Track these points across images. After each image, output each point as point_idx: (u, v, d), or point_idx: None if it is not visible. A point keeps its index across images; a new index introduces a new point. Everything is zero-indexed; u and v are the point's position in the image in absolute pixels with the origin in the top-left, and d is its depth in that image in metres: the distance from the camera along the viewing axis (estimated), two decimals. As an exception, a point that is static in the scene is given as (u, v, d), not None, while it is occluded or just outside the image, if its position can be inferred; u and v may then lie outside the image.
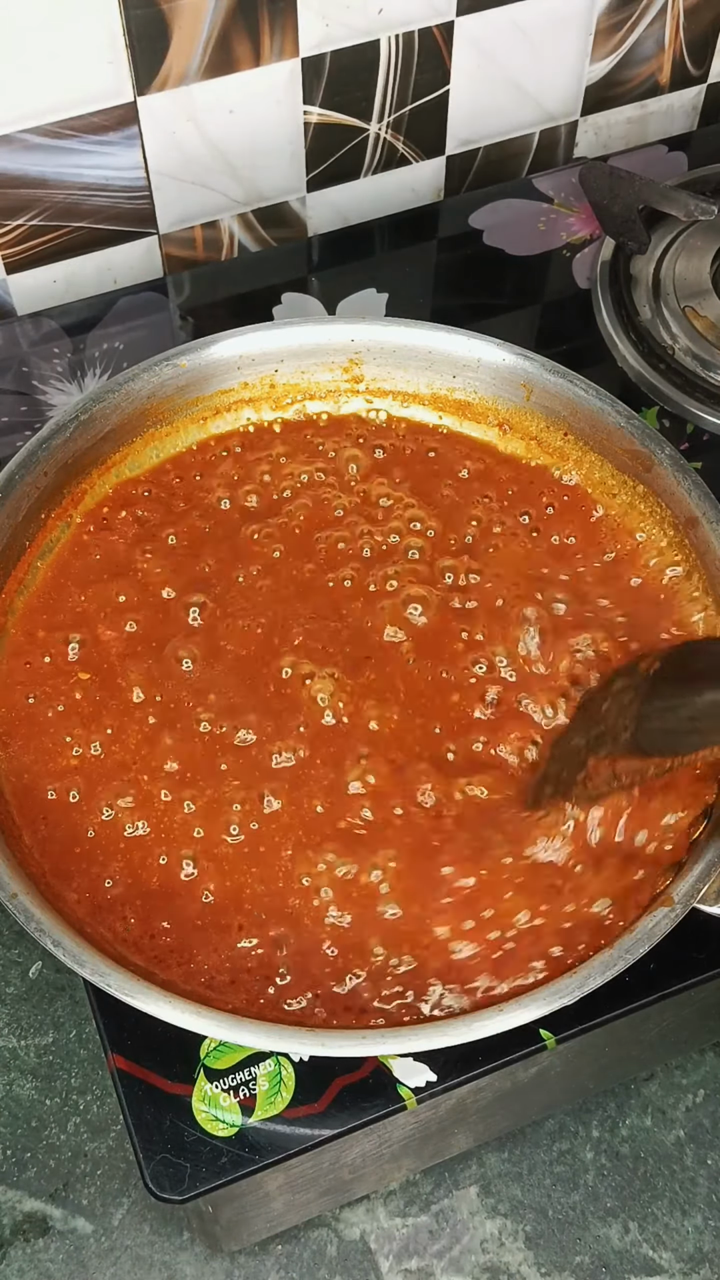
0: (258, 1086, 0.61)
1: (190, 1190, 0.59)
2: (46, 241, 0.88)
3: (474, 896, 0.60)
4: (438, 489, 0.74)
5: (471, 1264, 0.86)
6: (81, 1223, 0.86)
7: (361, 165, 0.94)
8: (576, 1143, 0.90)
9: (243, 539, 0.72)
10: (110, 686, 0.67)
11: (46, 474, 0.70)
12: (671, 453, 0.70)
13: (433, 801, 0.63)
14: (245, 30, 0.82)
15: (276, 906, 0.61)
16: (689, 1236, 0.87)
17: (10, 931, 0.95)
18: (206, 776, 0.64)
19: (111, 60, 0.80)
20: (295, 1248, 0.86)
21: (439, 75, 0.90)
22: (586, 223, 0.93)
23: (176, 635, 0.68)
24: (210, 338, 0.74)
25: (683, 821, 0.61)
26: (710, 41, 0.97)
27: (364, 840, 0.62)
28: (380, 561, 0.71)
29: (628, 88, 0.98)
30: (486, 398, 0.76)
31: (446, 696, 0.66)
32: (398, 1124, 0.68)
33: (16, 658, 0.68)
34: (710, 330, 0.84)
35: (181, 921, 0.61)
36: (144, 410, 0.74)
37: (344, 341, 0.75)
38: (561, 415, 0.74)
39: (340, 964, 0.59)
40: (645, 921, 0.57)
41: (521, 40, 0.91)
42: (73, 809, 0.64)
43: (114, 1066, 0.61)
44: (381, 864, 0.61)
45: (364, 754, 0.64)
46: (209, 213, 0.92)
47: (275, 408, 0.77)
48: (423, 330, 0.75)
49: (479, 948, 0.59)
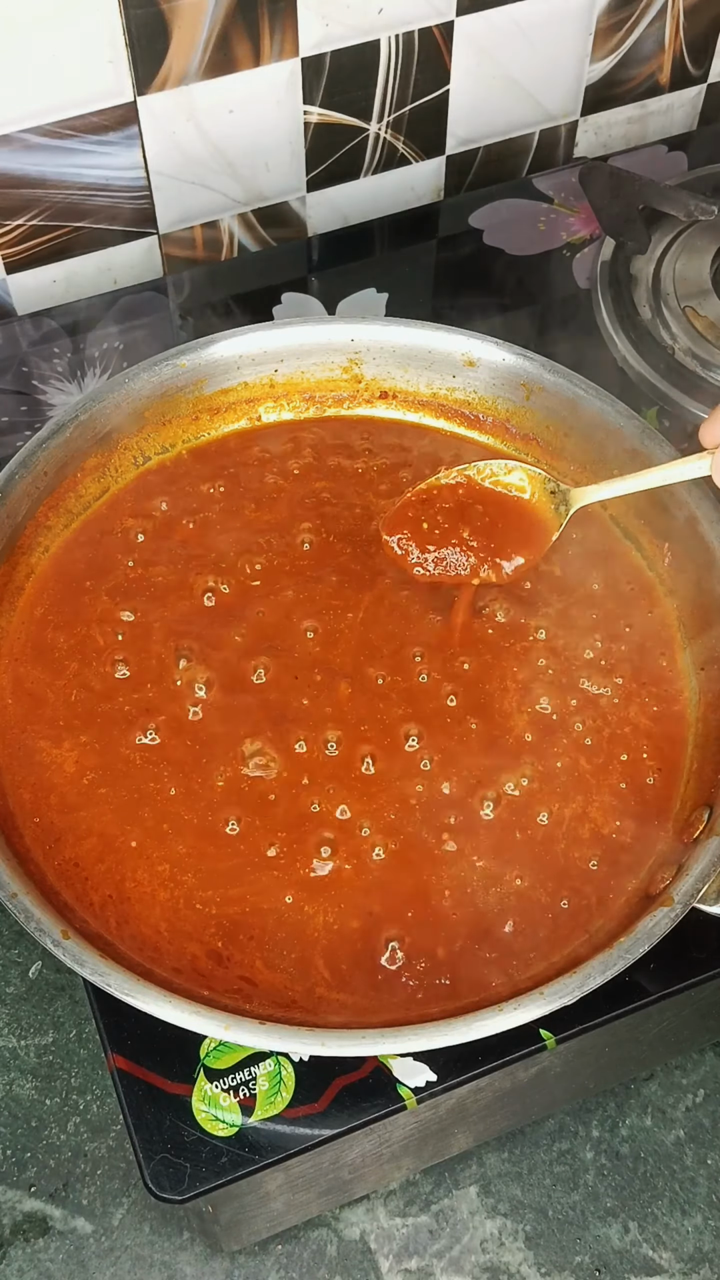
0: (258, 1086, 0.61)
1: (190, 1190, 0.59)
2: (46, 241, 0.88)
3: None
4: (438, 489, 0.74)
5: (471, 1264, 0.85)
6: (81, 1223, 0.85)
7: (361, 165, 0.94)
8: (576, 1143, 0.90)
9: (244, 537, 0.72)
10: (109, 688, 0.67)
11: (46, 474, 0.70)
12: (671, 453, 0.70)
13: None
14: (245, 30, 0.82)
15: (270, 908, 0.61)
16: (689, 1236, 0.87)
17: (10, 931, 0.94)
18: (205, 778, 0.64)
19: (111, 60, 0.80)
20: (295, 1248, 0.86)
21: (439, 75, 0.90)
22: (586, 223, 0.93)
23: (176, 635, 0.68)
24: (210, 338, 0.74)
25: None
26: (710, 41, 0.97)
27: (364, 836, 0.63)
28: (381, 558, 0.71)
29: (628, 88, 0.98)
30: (486, 398, 0.76)
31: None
32: (398, 1124, 0.68)
33: (14, 658, 0.68)
34: (710, 330, 0.84)
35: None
36: (144, 410, 0.74)
37: (344, 341, 0.75)
38: (561, 415, 0.74)
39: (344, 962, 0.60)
40: (645, 921, 0.57)
41: (521, 40, 0.91)
42: (73, 810, 0.64)
43: (114, 1066, 0.61)
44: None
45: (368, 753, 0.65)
46: (209, 213, 0.92)
47: (275, 408, 0.77)
48: (423, 330, 0.75)
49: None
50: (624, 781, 0.65)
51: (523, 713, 0.66)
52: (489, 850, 0.62)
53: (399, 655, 0.68)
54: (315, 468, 0.75)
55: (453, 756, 0.65)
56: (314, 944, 0.60)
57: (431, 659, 0.68)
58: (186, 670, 0.67)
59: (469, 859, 0.62)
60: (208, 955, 0.60)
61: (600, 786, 0.64)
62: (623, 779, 0.65)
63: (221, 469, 0.75)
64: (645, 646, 0.69)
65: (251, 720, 0.66)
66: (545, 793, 0.64)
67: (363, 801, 0.63)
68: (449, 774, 0.64)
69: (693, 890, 0.58)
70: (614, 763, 0.65)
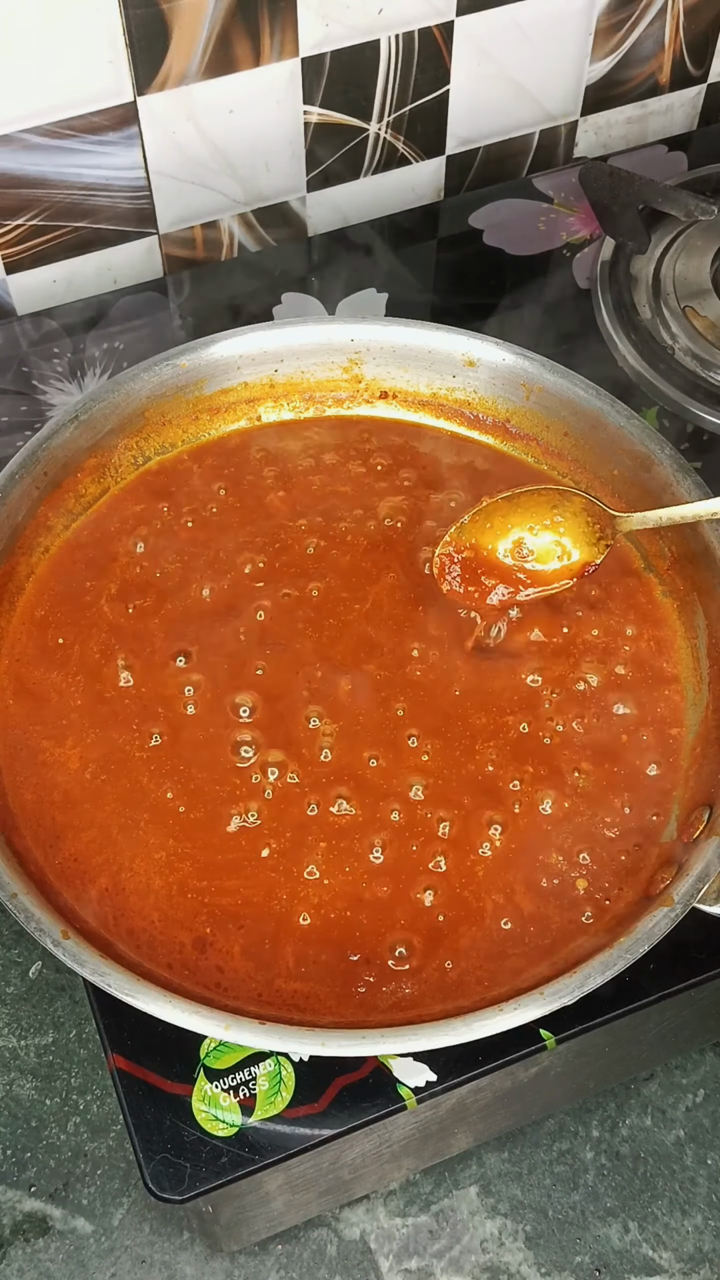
0: (258, 1086, 0.61)
1: (190, 1190, 0.59)
2: (46, 241, 0.88)
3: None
4: (438, 489, 0.74)
5: (471, 1264, 0.85)
6: (81, 1223, 0.85)
7: (361, 165, 0.94)
8: (576, 1143, 0.90)
9: (244, 537, 0.72)
10: (109, 687, 0.67)
11: (46, 474, 0.70)
12: (671, 453, 0.70)
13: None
14: (245, 30, 0.82)
15: (265, 911, 0.61)
16: (689, 1236, 0.87)
17: (10, 931, 0.95)
18: (205, 779, 0.64)
19: (111, 60, 0.80)
20: (295, 1247, 0.86)
21: (439, 75, 0.90)
22: (586, 223, 0.93)
23: (176, 634, 0.68)
24: (210, 338, 0.74)
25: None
26: (710, 41, 0.97)
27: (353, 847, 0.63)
28: (381, 558, 0.71)
29: (628, 88, 0.98)
30: (486, 398, 0.76)
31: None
32: (398, 1124, 0.68)
33: (15, 658, 0.68)
34: (710, 330, 0.84)
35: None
36: (144, 410, 0.74)
37: (344, 341, 0.75)
38: (561, 415, 0.74)
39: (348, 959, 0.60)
40: (645, 921, 0.57)
41: (521, 40, 0.91)
42: (74, 809, 0.64)
43: (114, 1066, 0.61)
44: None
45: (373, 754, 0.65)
46: (209, 213, 0.92)
47: (275, 408, 0.77)
48: (423, 330, 0.75)
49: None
50: (624, 780, 0.65)
51: (523, 710, 0.66)
52: (489, 850, 0.62)
53: (399, 652, 0.68)
54: (315, 468, 0.75)
55: (453, 756, 0.65)
56: (299, 938, 0.60)
57: (431, 656, 0.68)
58: (187, 669, 0.67)
59: (469, 859, 0.62)
60: (194, 944, 0.60)
61: (600, 785, 0.64)
62: (623, 777, 0.65)
63: (221, 469, 0.75)
64: (646, 645, 0.69)
65: (251, 718, 0.66)
66: (545, 791, 0.64)
67: (362, 799, 0.63)
68: (449, 774, 0.64)
69: (693, 890, 0.58)
70: (614, 760, 0.65)
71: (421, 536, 0.72)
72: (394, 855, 0.62)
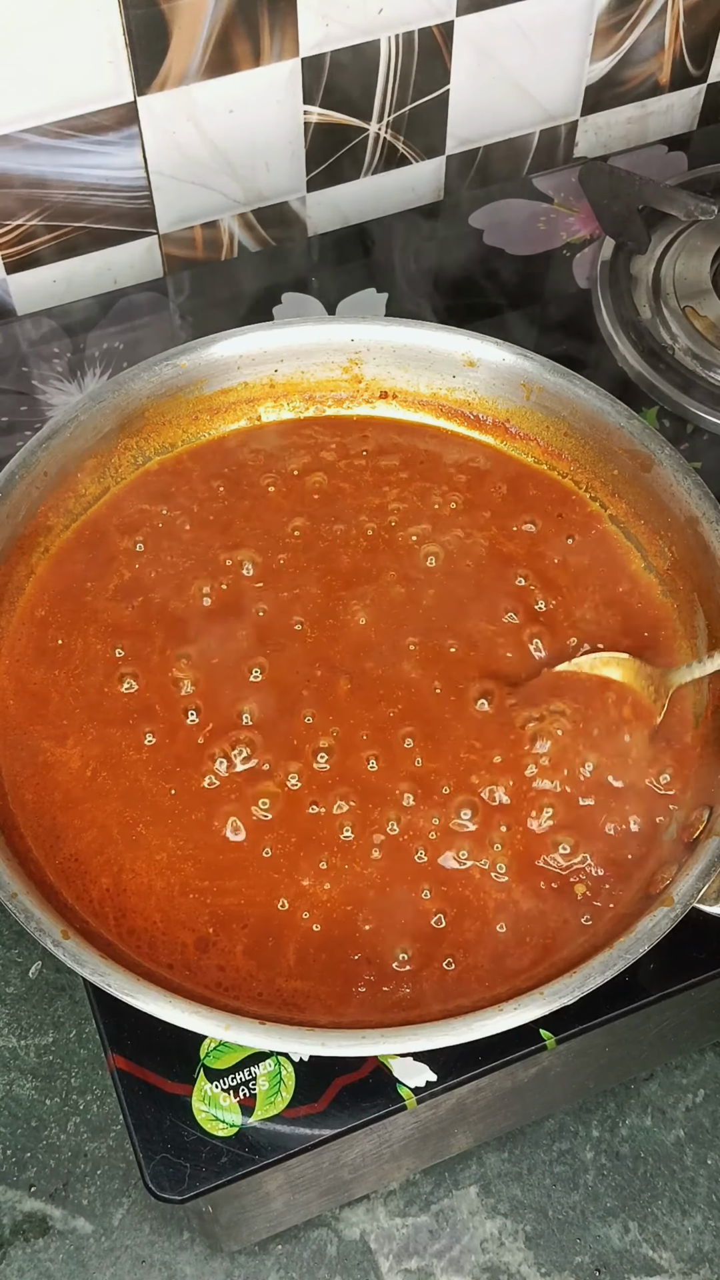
0: (258, 1086, 0.61)
1: (190, 1190, 0.59)
2: (46, 241, 0.88)
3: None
4: (438, 489, 0.74)
5: (471, 1264, 0.86)
6: (81, 1223, 0.86)
7: (361, 165, 0.94)
8: (576, 1143, 0.90)
9: (243, 537, 0.72)
10: (110, 687, 0.67)
11: (46, 474, 0.70)
12: (671, 453, 0.70)
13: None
14: (245, 30, 0.82)
15: (268, 910, 0.61)
16: (689, 1236, 0.87)
17: (10, 931, 0.95)
18: (204, 776, 0.64)
19: (111, 60, 0.80)
20: (295, 1247, 0.86)
21: (439, 75, 0.90)
22: (586, 223, 0.93)
23: (176, 634, 0.68)
24: (210, 338, 0.74)
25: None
26: (710, 41, 0.97)
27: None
28: (380, 558, 0.71)
29: (628, 88, 0.98)
30: (486, 398, 0.76)
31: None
32: (398, 1124, 0.68)
33: (15, 658, 0.68)
34: (710, 330, 0.84)
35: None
36: (144, 410, 0.74)
37: (344, 341, 0.75)
38: (561, 415, 0.74)
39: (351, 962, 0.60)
40: (645, 921, 0.57)
41: (521, 40, 0.91)
42: (74, 809, 0.64)
43: (114, 1066, 0.61)
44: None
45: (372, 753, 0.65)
46: (209, 213, 0.92)
47: (275, 408, 0.77)
48: (423, 330, 0.75)
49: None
50: (625, 779, 0.65)
51: (522, 710, 0.66)
52: (489, 850, 0.62)
53: (397, 652, 0.68)
54: (315, 467, 0.75)
55: (453, 755, 0.65)
56: (301, 937, 0.60)
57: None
58: (187, 668, 0.67)
59: (468, 858, 0.62)
60: (196, 944, 0.60)
61: (600, 785, 0.64)
62: (623, 776, 0.65)
63: (221, 469, 0.75)
64: (646, 645, 0.69)
65: (251, 718, 0.66)
66: (545, 792, 0.64)
67: (363, 799, 0.63)
68: (448, 773, 0.64)
69: (693, 890, 0.58)
70: (614, 759, 0.65)
71: (421, 536, 0.72)
72: (394, 855, 0.62)
